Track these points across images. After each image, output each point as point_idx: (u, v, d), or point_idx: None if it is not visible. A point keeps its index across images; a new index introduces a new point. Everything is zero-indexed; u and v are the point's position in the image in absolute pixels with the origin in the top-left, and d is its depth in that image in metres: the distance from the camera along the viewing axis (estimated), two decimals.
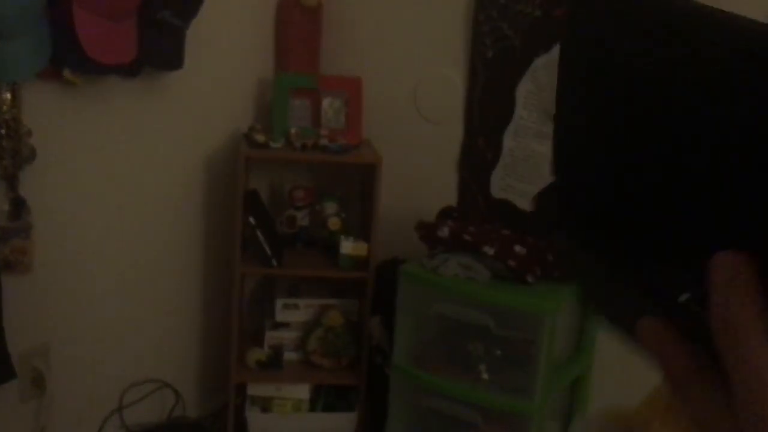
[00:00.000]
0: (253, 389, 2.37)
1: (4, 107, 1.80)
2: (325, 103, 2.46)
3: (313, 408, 2.39)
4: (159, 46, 2.05)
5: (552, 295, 1.90)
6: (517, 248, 1.94)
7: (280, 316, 2.41)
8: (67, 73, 1.89)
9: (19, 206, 1.88)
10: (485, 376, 1.94)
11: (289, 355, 2.41)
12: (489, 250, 1.93)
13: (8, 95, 1.80)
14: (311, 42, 2.55)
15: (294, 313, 2.41)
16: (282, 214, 2.46)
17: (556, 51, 2.15)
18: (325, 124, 2.45)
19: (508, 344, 1.93)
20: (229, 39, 2.42)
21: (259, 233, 2.23)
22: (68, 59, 1.85)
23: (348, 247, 2.28)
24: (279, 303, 2.40)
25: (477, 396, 1.92)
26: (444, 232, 1.99)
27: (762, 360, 0.27)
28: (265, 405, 2.37)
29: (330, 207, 2.45)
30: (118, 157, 2.15)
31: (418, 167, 2.50)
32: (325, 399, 2.44)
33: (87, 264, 2.12)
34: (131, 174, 2.20)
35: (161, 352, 2.42)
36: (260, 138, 2.28)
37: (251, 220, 2.22)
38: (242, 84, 2.53)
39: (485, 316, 1.89)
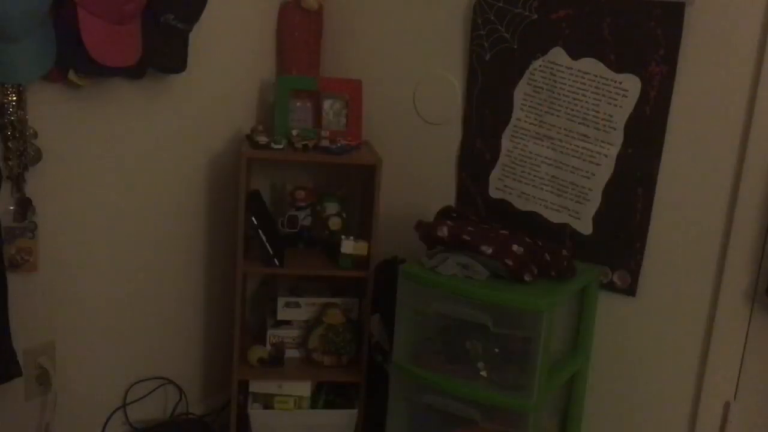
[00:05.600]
0: (256, 386, 2.37)
1: (10, 109, 1.80)
2: (326, 104, 2.47)
3: (314, 405, 2.40)
4: (163, 49, 2.06)
5: (549, 293, 1.89)
6: (515, 248, 1.93)
7: (282, 314, 2.42)
8: (72, 75, 1.89)
9: (24, 206, 1.88)
10: (483, 373, 1.94)
11: (291, 353, 2.43)
12: (487, 250, 1.92)
13: (14, 97, 1.80)
14: (312, 44, 2.56)
15: (295, 311, 2.42)
16: (284, 214, 2.46)
17: (552, 53, 2.17)
18: (325, 126, 2.47)
19: (506, 342, 1.92)
20: (231, 42, 2.43)
21: (261, 233, 2.24)
22: (73, 61, 1.85)
23: (349, 246, 2.28)
24: (281, 302, 2.41)
25: (475, 393, 1.92)
26: (443, 231, 1.97)
27: None
28: (267, 402, 2.37)
29: (331, 207, 2.46)
30: (122, 158, 2.16)
31: (417, 168, 2.50)
32: (326, 396, 2.45)
33: (92, 263, 2.13)
34: (135, 174, 2.21)
35: (165, 349, 2.43)
36: (262, 139, 2.29)
37: (253, 220, 2.22)
38: (244, 86, 2.53)
39: (483, 314, 1.88)
